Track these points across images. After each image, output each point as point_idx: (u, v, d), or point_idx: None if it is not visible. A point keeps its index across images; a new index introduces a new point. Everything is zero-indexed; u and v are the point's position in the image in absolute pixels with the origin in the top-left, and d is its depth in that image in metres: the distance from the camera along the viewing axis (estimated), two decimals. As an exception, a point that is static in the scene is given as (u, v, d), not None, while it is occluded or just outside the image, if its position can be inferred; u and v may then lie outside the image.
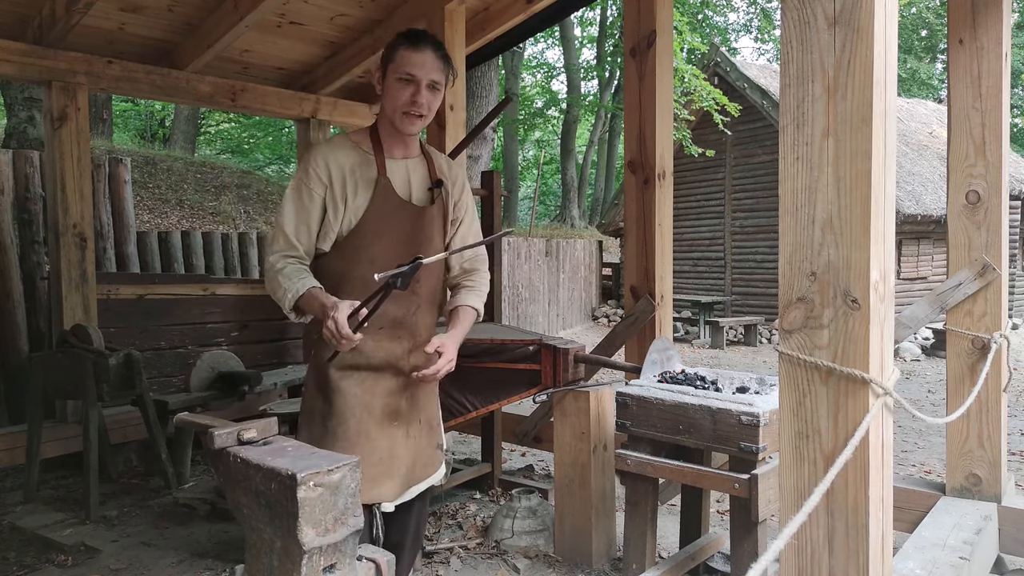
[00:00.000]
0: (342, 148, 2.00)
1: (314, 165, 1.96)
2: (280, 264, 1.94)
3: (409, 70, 1.93)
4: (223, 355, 4.36)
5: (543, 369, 2.75)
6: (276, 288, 1.93)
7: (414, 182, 2.07)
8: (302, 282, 1.90)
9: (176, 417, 1.85)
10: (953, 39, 2.74)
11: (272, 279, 1.94)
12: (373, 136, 2.04)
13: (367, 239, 1.97)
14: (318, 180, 1.96)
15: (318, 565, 1.51)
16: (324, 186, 1.96)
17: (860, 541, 1.30)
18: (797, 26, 1.32)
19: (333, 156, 1.98)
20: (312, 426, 2.00)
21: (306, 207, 1.96)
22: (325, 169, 1.96)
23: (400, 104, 1.95)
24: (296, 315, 1.95)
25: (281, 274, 1.92)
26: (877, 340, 1.29)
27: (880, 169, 1.28)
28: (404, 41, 1.96)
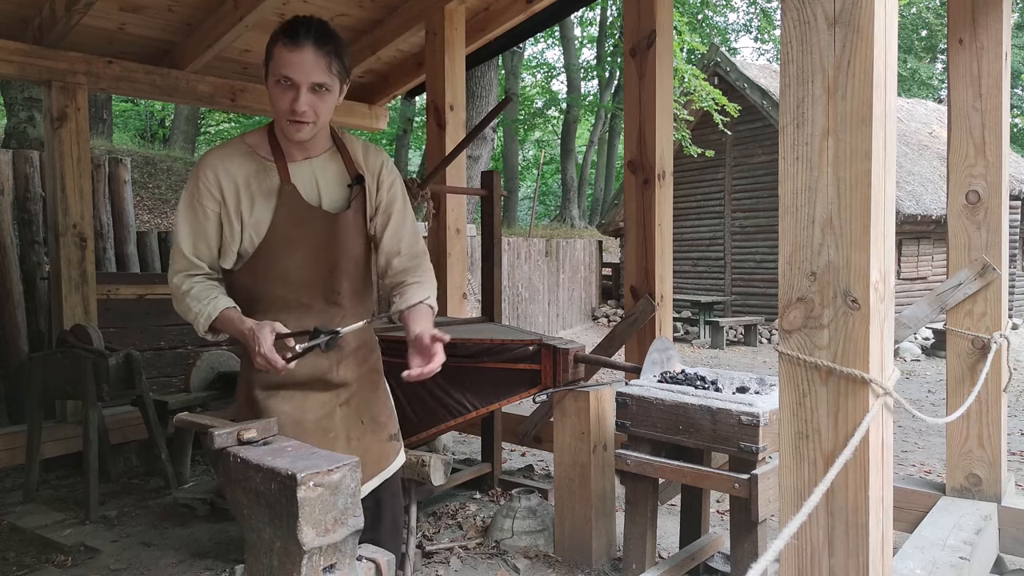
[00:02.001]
0: (235, 157, 1.81)
1: (204, 179, 1.78)
2: (186, 285, 1.81)
3: (286, 72, 1.70)
4: (223, 355, 4.35)
5: (543, 369, 2.75)
6: (186, 311, 1.81)
7: (323, 183, 1.88)
8: (213, 304, 1.78)
9: (176, 417, 1.85)
10: (953, 39, 2.74)
11: (180, 301, 1.82)
12: (272, 139, 1.85)
13: (276, 254, 1.81)
14: (209, 195, 1.78)
15: (318, 565, 1.51)
16: (217, 201, 1.79)
17: (860, 541, 1.30)
18: (797, 26, 1.32)
19: (224, 168, 1.79)
20: None
21: (200, 223, 1.80)
22: (216, 183, 1.78)
23: (282, 109, 1.74)
24: (213, 335, 1.83)
25: (188, 296, 1.79)
26: (877, 340, 1.29)
27: (880, 169, 1.28)
28: (281, 36, 1.72)
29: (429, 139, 4.20)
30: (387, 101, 5.77)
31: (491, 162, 14.90)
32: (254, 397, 1.87)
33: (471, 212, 11.72)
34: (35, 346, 4.66)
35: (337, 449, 1.91)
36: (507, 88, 18.36)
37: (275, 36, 1.75)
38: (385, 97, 5.66)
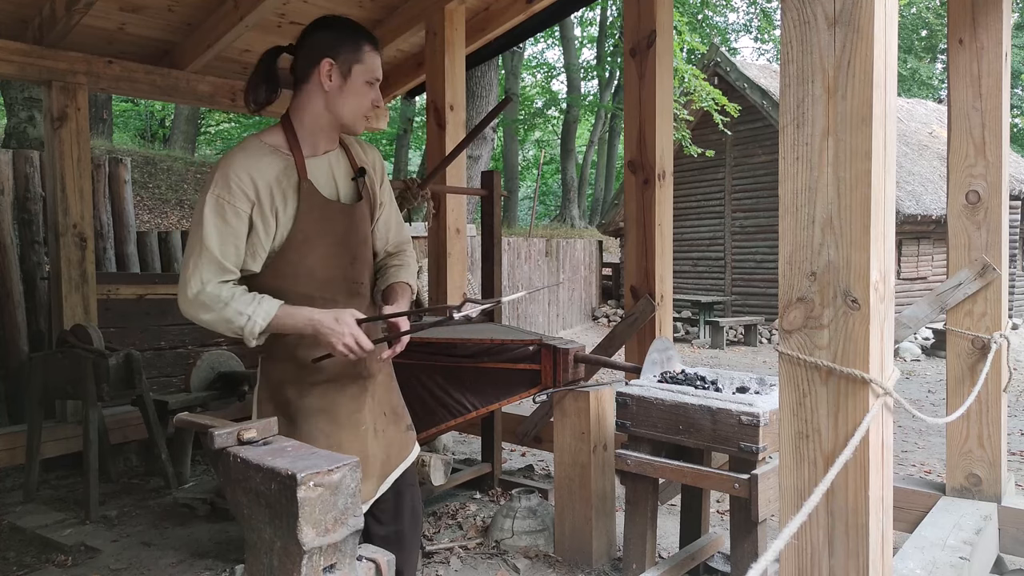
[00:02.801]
0: (263, 156, 1.77)
1: (237, 180, 1.72)
2: (225, 292, 1.73)
3: (377, 74, 1.83)
4: (223, 355, 4.36)
5: (543, 369, 2.75)
6: (232, 318, 1.72)
7: (339, 177, 1.89)
8: (267, 303, 1.74)
9: (176, 417, 1.85)
10: (953, 39, 2.74)
11: (220, 310, 1.73)
12: (288, 134, 1.83)
13: (300, 252, 1.80)
14: (243, 196, 1.73)
15: (318, 565, 1.51)
16: (251, 202, 1.74)
17: (860, 541, 1.30)
18: (797, 26, 1.32)
19: (256, 167, 1.75)
20: None
21: (232, 227, 1.73)
22: (251, 183, 1.73)
23: (365, 107, 1.83)
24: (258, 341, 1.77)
25: (234, 301, 1.72)
26: (877, 340, 1.29)
27: (880, 169, 1.28)
28: (369, 41, 1.83)
29: (429, 139, 4.20)
30: (387, 101, 5.78)
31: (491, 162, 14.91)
32: (286, 397, 1.86)
33: (471, 212, 11.72)
34: (35, 346, 4.66)
35: (368, 442, 1.93)
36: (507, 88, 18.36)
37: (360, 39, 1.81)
38: (385, 97, 5.66)
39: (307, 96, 1.82)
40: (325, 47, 1.79)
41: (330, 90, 1.80)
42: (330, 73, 1.78)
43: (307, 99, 1.82)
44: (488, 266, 3.82)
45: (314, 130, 1.84)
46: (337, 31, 1.81)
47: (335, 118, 1.83)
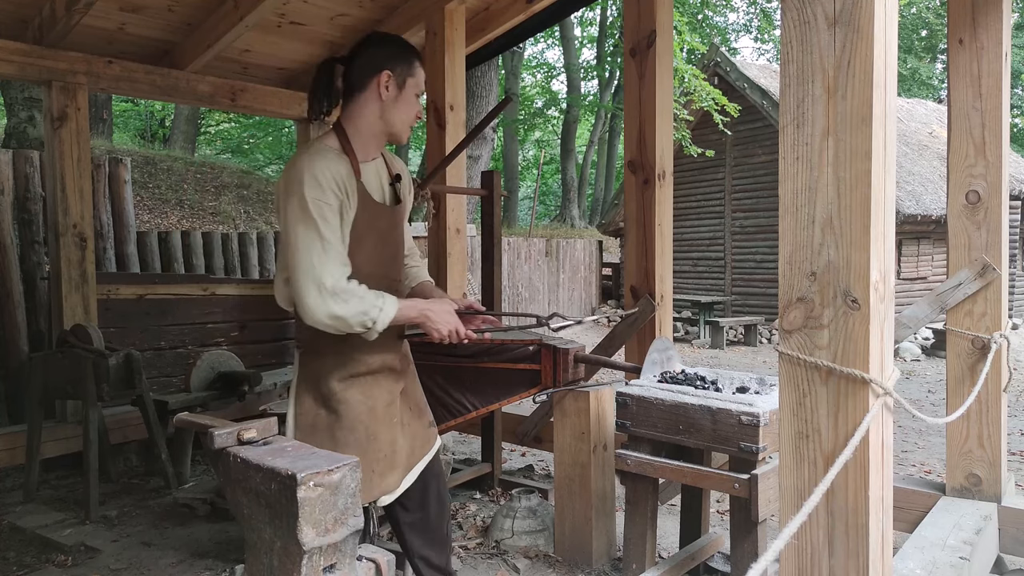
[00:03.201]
0: (334, 156, 1.88)
1: (325, 180, 1.82)
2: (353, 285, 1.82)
3: (423, 88, 2.01)
4: (223, 355, 4.36)
5: (543, 369, 2.75)
6: (368, 309, 1.81)
7: (383, 180, 2.04)
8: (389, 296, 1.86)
9: (176, 417, 1.85)
10: (953, 39, 2.74)
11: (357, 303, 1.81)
12: (342, 139, 1.94)
13: (352, 249, 1.90)
14: (333, 195, 1.83)
15: (318, 565, 1.52)
16: (339, 200, 1.85)
17: (860, 541, 1.30)
18: (797, 26, 1.32)
19: (335, 168, 1.85)
20: (317, 438, 1.94)
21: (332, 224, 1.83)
22: (334, 183, 1.84)
23: (413, 117, 1.98)
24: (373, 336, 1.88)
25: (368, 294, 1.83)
26: (877, 340, 1.29)
27: (880, 169, 1.28)
28: (419, 57, 2.00)
29: (429, 139, 4.20)
30: (387, 101, 5.77)
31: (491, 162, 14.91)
32: (331, 388, 1.96)
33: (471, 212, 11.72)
34: (35, 346, 4.66)
35: (398, 434, 2.06)
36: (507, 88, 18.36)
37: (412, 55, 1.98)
38: (385, 97, 5.65)
39: (362, 104, 1.94)
40: (383, 60, 1.93)
41: (386, 100, 1.93)
42: (388, 84, 1.92)
43: (362, 107, 1.94)
44: (488, 266, 3.82)
45: (367, 137, 1.96)
46: (393, 47, 1.97)
47: (387, 126, 1.97)
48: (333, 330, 1.82)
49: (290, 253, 1.81)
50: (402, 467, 2.07)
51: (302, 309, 1.80)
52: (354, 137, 1.95)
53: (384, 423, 2.02)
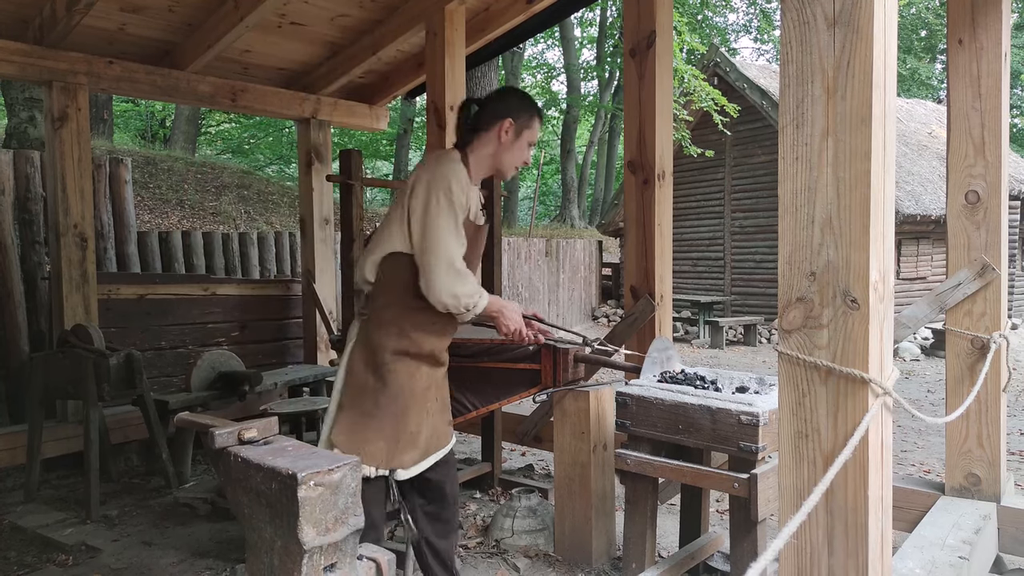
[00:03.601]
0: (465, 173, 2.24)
1: (462, 186, 2.19)
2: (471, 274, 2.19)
3: (536, 139, 2.36)
4: (224, 355, 4.36)
5: (543, 369, 2.76)
6: (474, 291, 2.16)
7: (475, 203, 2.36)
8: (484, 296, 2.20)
9: (177, 417, 1.86)
10: (952, 39, 2.74)
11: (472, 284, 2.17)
12: (465, 163, 2.28)
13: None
14: (463, 201, 2.19)
15: (318, 564, 1.52)
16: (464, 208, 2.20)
17: (859, 541, 1.30)
18: (797, 26, 1.32)
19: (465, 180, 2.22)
20: (364, 399, 2.23)
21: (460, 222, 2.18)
22: (464, 192, 2.19)
23: (519, 162, 2.34)
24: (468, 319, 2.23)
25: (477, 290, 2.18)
26: (876, 340, 1.29)
27: (879, 169, 1.28)
28: (539, 115, 2.36)
29: (429, 139, 4.20)
30: (388, 101, 5.78)
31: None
32: (384, 359, 2.22)
33: (471, 212, 11.70)
34: (36, 346, 4.66)
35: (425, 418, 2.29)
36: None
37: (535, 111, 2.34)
38: (386, 97, 5.66)
39: (484, 142, 2.31)
40: (508, 109, 2.29)
41: (503, 142, 2.29)
42: (508, 130, 2.28)
43: (484, 143, 2.31)
44: (488, 266, 3.83)
45: (480, 166, 2.33)
46: (520, 100, 2.34)
47: (497, 163, 2.33)
48: (443, 306, 2.14)
49: (429, 237, 2.13)
50: (420, 450, 2.29)
51: (431, 283, 2.12)
52: (472, 164, 2.30)
53: (416, 405, 2.26)
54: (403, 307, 2.22)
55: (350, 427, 2.21)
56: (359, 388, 2.24)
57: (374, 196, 19.24)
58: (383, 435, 2.21)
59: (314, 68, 5.11)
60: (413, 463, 2.27)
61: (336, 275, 5.52)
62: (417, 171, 2.27)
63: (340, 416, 2.24)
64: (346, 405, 2.25)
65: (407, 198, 2.21)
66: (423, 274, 2.15)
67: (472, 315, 2.18)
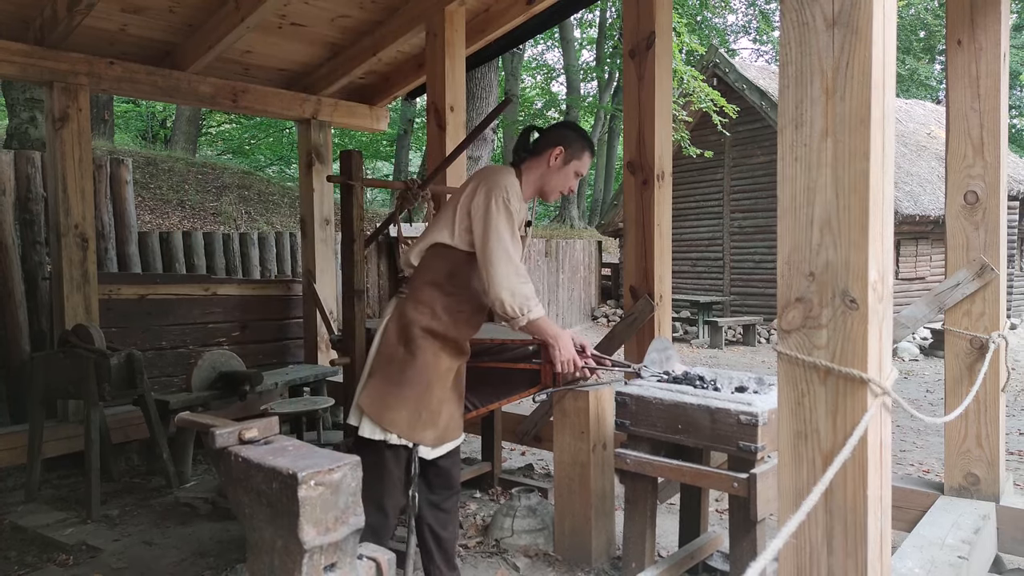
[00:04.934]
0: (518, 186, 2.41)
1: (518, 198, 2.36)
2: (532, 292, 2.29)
3: (583, 171, 2.51)
4: (224, 355, 4.36)
5: (543, 369, 2.76)
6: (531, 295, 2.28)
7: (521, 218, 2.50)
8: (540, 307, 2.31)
9: (177, 417, 1.86)
10: (951, 40, 2.75)
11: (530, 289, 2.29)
12: (519, 179, 2.46)
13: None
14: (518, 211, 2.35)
15: (319, 564, 1.52)
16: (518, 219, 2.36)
17: (858, 540, 1.30)
18: (796, 27, 1.33)
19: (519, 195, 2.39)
20: (392, 368, 2.37)
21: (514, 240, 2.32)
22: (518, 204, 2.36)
23: (563, 188, 2.50)
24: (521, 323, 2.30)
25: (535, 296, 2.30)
26: (875, 340, 1.30)
27: (878, 170, 1.29)
28: (590, 150, 2.52)
29: (429, 140, 4.21)
30: (388, 102, 5.78)
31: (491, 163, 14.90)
32: (414, 334, 2.37)
33: (471, 212, 11.69)
34: (37, 346, 4.66)
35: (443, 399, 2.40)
36: (507, 89, 18.36)
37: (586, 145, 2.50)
38: (386, 98, 5.67)
39: (536, 163, 2.49)
40: (562, 138, 2.47)
41: (551, 167, 2.47)
42: (557, 156, 2.46)
43: (535, 165, 2.49)
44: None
45: (528, 186, 2.50)
46: (575, 133, 2.51)
47: (542, 185, 2.51)
48: (500, 303, 2.26)
49: (492, 237, 2.27)
50: (439, 433, 2.40)
51: (492, 277, 2.25)
52: (524, 182, 2.48)
53: (440, 383, 2.38)
54: (439, 291, 2.39)
55: (377, 392, 2.35)
56: (388, 357, 2.39)
57: (374, 197, 19.23)
58: (406, 405, 2.33)
59: (315, 69, 5.12)
60: (432, 443, 2.39)
61: (336, 275, 5.53)
62: (476, 177, 2.42)
63: (369, 382, 2.40)
64: (375, 372, 2.40)
65: (465, 198, 2.37)
66: (484, 270, 2.28)
67: (524, 320, 2.28)
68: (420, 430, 2.35)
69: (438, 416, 2.39)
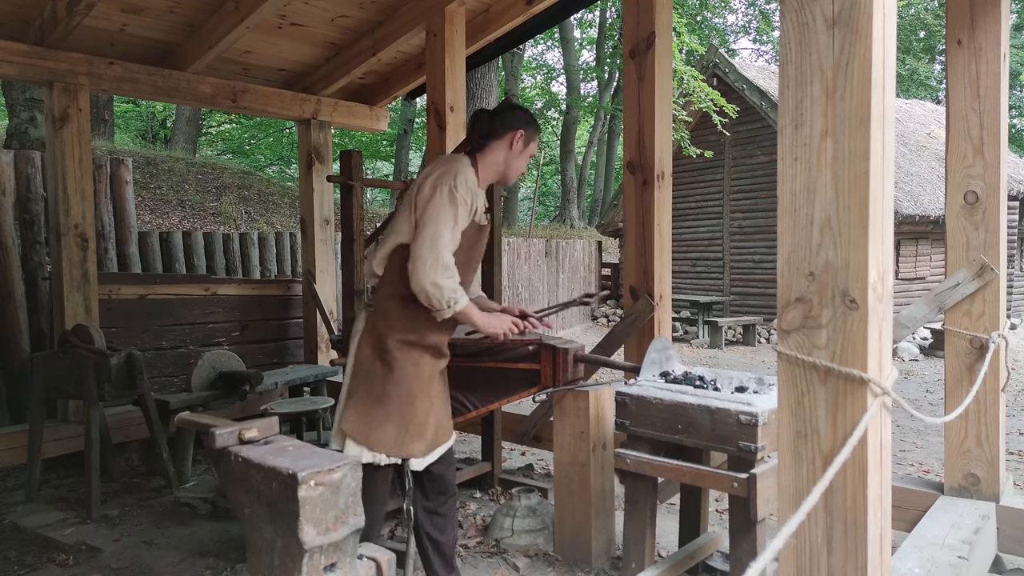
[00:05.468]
0: (474, 175, 2.36)
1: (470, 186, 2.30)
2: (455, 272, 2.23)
3: (535, 152, 2.54)
4: (224, 355, 4.36)
5: (543, 369, 2.76)
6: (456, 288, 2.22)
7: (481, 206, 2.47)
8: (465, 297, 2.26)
9: (177, 417, 1.86)
10: (951, 40, 2.75)
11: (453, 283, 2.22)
12: (475, 166, 2.40)
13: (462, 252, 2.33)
14: (469, 201, 2.30)
15: (319, 564, 1.52)
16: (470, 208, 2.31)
17: (858, 540, 1.30)
18: (796, 27, 1.33)
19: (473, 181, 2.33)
20: (372, 384, 2.33)
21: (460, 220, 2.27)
22: (471, 193, 2.31)
23: (521, 170, 2.50)
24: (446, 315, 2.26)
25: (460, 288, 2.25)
26: (875, 340, 1.30)
27: (878, 170, 1.29)
28: (536, 129, 2.52)
29: (429, 140, 4.21)
30: (388, 102, 5.78)
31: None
32: (389, 347, 2.33)
33: (471, 212, 11.69)
34: (37, 346, 4.66)
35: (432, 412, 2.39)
36: (507, 89, 18.36)
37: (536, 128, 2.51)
38: (386, 98, 5.67)
39: (494, 148, 2.44)
40: (521, 122, 2.45)
41: (513, 151, 2.45)
42: (519, 139, 2.44)
43: (494, 150, 2.44)
44: (488, 267, 3.83)
45: (489, 171, 2.45)
46: (527, 116, 2.51)
47: (504, 169, 2.47)
48: (424, 295, 2.20)
49: (426, 226, 2.21)
50: (430, 441, 2.38)
51: (416, 271, 2.19)
52: (481, 168, 2.42)
53: (423, 393, 2.36)
54: (408, 299, 2.29)
55: (359, 413, 2.30)
56: (366, 374, 2.35)
57: (374, 197, 19.23)
58: (391, 420, 2.29)
59: (315, 69, 5.11)
60: (422, 453, 2.37)
61: (336, 275, 5.53)
62: (426, 169, 2.37)
63: (349, 403, 2.34)
64: (354, 392, 2.35)
65: (413, 193, 2.31)
66: (411, 260, 2.22)
67: (450, 312, 2.22)
68: (408, 444, 2.32)
69: (425, 427, 2.36)
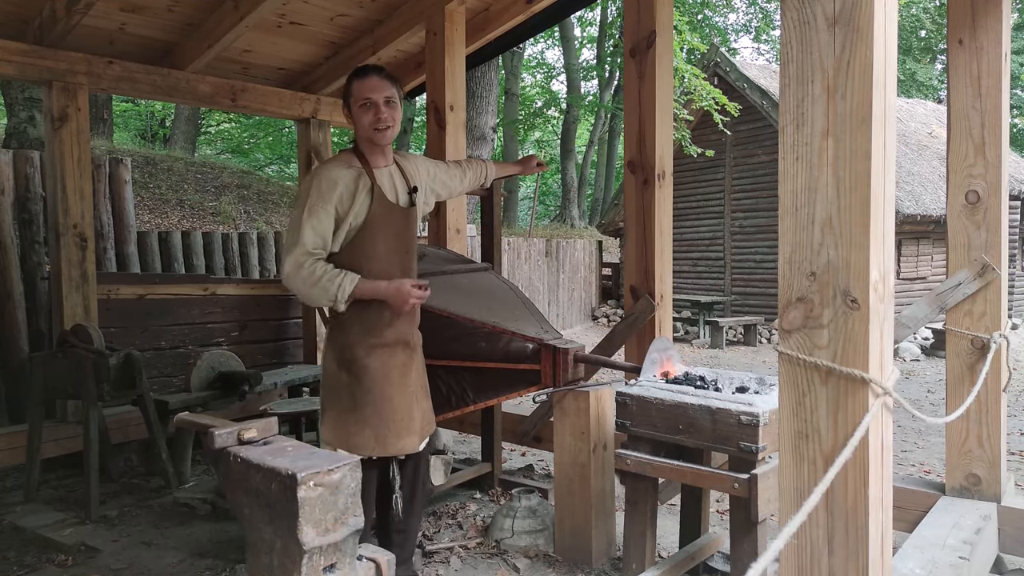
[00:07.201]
0: (340, 168, 2.36)
1: (326, 187, 2.31)
2: (319, 268, 2.25)
3: (365, 95, 2.36)
4: (223, 355, 4.36)
5: (543, 369, 2.76)
6: (326, 287, 2.24)
7: (397, 187, 2.46)
8: (349, 275, 2.27)
9: (176, 417, 1.86)
10: (953, 39, 2.74)
11: (315, 283, 2.25)
12: (358, 154, 2.42)
13: (368, 239, 2.34)
14: (328, 200, 2.30)
15: (318, 564, 1.52)
16: (333, 205, 2.30)
17: (859, 541, 1.30)
18: (797, 26, 1.32)
19: (338, 176, 2.33)
20: (340, 398, 2.37)
21: (321, 221, 2.29)
22: (334, 189, 2.30)
23: (368, 124, 2.37)
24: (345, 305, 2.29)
25: (327, 273, 2.25)
26: (877, 340, 1.29)
27: (880, 169, 1.28)
28: (353, 77, 2.40)
29: (429, 139, 4.20)
30: (387, 101, 5.76)
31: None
32: (354, 355, 2.36)
33: (471, 212, 11.72)
34: (36, 346, 4.66)
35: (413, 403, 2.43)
36: (507, 88, 18.37)
37: (349, 79, 2.41)
38: (386, 97, 5.65)
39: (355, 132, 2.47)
40: (344, 96, 2.44)
41: (353, 113, 2.41)
42: (345, 114, 2.46)
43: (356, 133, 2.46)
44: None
45: (367, 152, 2.43)
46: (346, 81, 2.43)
47: (361, 134, 2.42)
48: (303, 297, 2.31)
49: (287, 233, 2.31)
50: (417, 434, 2.44)
51: (282, 275, 2.30)
52: (364, 150, 2.42)
53: (399, 390, 2.39)
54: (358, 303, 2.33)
55: (334, 424, 2.37)
56: (333, 388, 2.40)
57: (374, 196, 19.20)
58: (368, 425, 2.34)
59: (314, 68, 5.11)
60: (416, 447, 2.45)
61: (336, 275, 5.51)
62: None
63: (324, 416, 2.41)
64: (327, 406, 2.41)
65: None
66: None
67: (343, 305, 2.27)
68: (394, 441, 2.37)
69: (412, 423, 2.42)
